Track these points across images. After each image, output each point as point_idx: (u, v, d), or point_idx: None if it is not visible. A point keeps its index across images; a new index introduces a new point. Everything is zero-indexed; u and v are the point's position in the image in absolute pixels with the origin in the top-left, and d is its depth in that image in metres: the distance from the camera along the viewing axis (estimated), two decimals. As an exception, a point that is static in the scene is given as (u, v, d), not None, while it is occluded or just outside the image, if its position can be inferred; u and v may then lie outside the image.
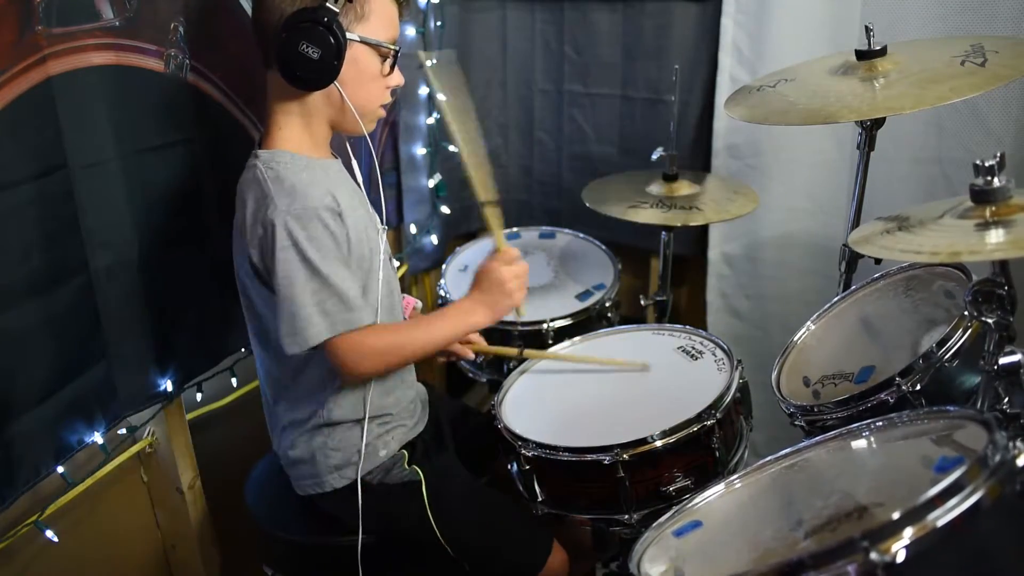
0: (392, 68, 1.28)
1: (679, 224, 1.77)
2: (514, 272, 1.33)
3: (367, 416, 1.34)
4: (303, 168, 1.22)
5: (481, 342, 1.69)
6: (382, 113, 1.32)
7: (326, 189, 1.21)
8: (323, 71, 1.17)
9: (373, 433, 1.36)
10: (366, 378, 1.30)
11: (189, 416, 1.54)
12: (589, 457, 1.27)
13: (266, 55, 1.22)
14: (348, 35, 1.18)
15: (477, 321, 1.33)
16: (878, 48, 1.37)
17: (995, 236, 0.94)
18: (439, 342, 1.33)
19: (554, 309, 1.81)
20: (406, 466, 1.39)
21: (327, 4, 1.16)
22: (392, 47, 1.26)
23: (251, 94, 1.49)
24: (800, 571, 0.77)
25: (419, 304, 1.68)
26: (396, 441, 1.40)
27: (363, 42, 1.22)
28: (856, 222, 1.55)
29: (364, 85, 1.25)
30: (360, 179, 1.37)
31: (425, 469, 1.38)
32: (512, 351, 1.66)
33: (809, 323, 1.49)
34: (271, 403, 1.39)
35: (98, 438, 1.31)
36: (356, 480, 1.34)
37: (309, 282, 1.16)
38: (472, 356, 1.68)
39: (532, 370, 1.58)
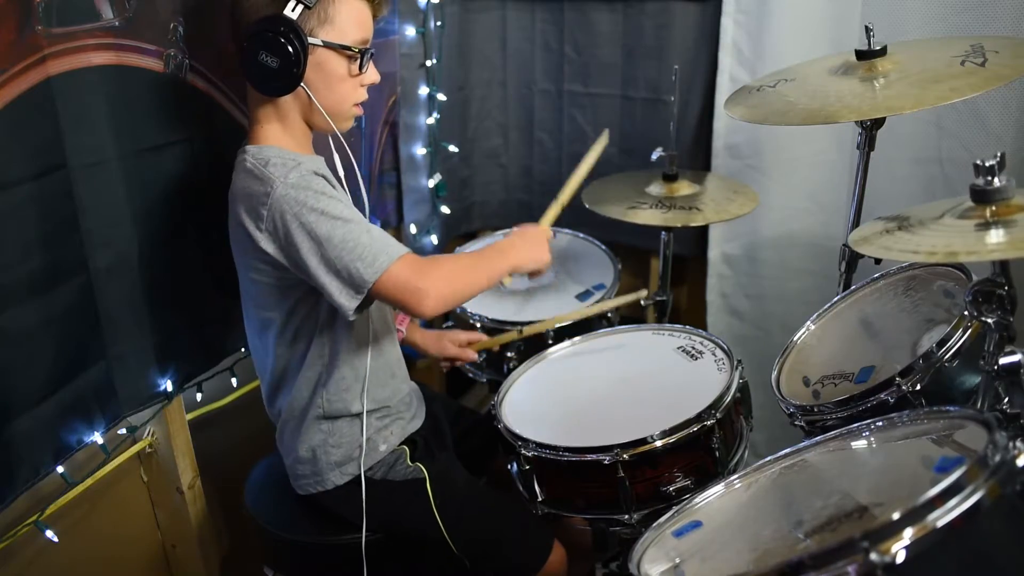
0: (362, 68, 1.27)
1: (679, 224, 1.77)
2: (550, 238, 1.43)
3: (365, 408, 1.34)
4: (290, 157, 1.23)
5: (482, 338, 1.70)
6: (357, 111, 1.32)
7: (314, 165, 1.24)
8: (283, 79, 1.19)
9: (372, 427, 1.37)
10: (440, 301, 1.22)
11: (189, 416, 1.54)
12: (589, 457, 1.27)
13: None
14: (310, 40, 1.19)
15: (513, 260, 1.34)
16: (878, 48, 1.37)
17: (995, 236, 0.94)
18: (487, 261, 1.33)
19: (554, 309, 1.81)
20: (409, 463, 1.39)
21: (283, 13, 1.16)
22: (358, 49, 1.25)
23: (250, 94, 1.49)
24: (800, 571, 0.77)
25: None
26: (395, 436, 1.40)
27: (326, 46, 1.22)
28: (856, 222, 1.55)
29: (332, 87, 1.25)
30: (341, 173, 1.38)
31: (428, 465, 1.39)
32: (512, 334, 1.67)
33: (809, 323, 1.49)
34: (272, 399, 1.39)
35: (98, 438, 1.31)
36: (357, 476, 1.35)
37: (336, 232, 1.16)
38: (476, 358, 1.69)
39: (532, 370, 1.58)
